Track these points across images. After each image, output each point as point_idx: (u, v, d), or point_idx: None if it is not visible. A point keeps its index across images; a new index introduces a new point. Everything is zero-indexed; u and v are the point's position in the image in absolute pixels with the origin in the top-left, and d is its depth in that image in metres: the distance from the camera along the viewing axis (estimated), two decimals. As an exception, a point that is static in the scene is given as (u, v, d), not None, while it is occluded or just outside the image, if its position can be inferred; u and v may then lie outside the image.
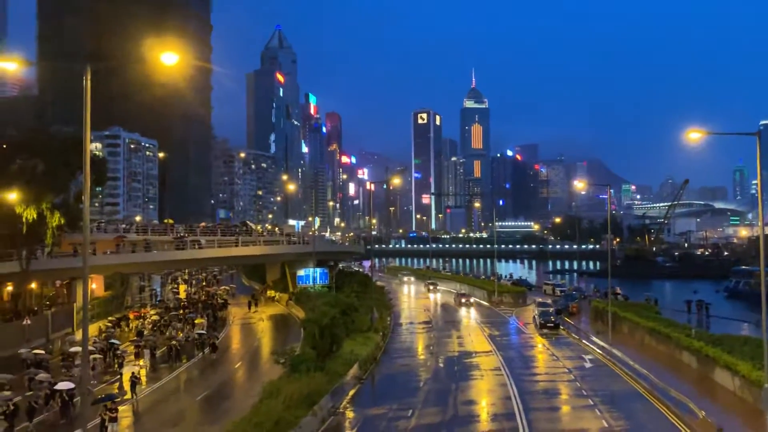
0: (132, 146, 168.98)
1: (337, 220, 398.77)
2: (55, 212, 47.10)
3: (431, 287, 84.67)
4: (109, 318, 53.63)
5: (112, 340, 41.79)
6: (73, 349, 39.00)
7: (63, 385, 28.09)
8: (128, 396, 30.70)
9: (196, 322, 50.27)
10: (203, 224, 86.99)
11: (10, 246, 47.08)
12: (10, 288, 51.01)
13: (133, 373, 31.90)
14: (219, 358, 41.22)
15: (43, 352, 39.27)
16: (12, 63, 18.43)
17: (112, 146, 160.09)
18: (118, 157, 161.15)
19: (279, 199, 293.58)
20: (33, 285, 51.80)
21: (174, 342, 41.97)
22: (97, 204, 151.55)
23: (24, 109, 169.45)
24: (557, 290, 77.07)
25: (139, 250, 55.13)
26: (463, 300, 66.27)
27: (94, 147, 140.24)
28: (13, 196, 43.64)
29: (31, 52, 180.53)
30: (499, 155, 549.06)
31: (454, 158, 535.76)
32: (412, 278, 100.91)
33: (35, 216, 45.58)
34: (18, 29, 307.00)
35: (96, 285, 58.02)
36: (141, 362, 38.56)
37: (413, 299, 78.14)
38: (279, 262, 76.48)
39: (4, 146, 48.38)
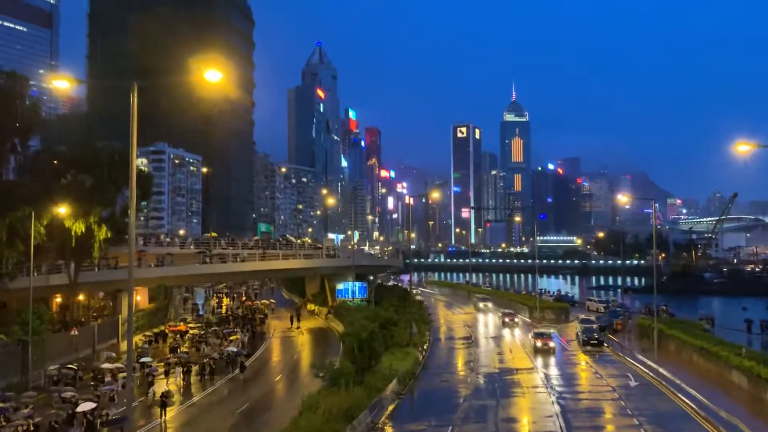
0: (176, 161, 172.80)
1: (375, 234, 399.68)
2: (102, 226, 48.40)
3: (507, 319, 63.97)
4: (146, 333, 53.75)
5: (143, 359, 39.71)
6: (104, 366, 37.84)
7: (84, 406, 26.78)
8: (157, 416, 29.37)
9: (231, 338, 49.52)
10: (246, 240, 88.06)
11: (59, 258, 48.53)
12: (59, 299, 52.49)
13: (163, 392, 30.59)
14: (251, 377, 39.72)
15: (75, 367, 38.33)
16: (63, 81, 19.06)
17: (158, 161, 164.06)
18: (163, 172, 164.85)
19: (318, 213, 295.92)
20: (81, 296, 53.19)
21: (207, 359, 40.53)
22: (142, 218, 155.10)
23: (74, 126, 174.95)
24: (601, 307, 75.51)
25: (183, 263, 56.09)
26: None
27: (140, 162, 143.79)
28: (63, 210, 44.98)
29: (81, 71, 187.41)
30: (540, 169, 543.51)
31: (494, 172, 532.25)
32: (445, 296, 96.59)
33: (83, 229, 46.95)
34: (69, 50, 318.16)
35: (141, 297, 59.26)
36: (172, 380, 37.39)
37: (452, 314, 77.53)
38: (318, 276, 76.91)
39: (55, 162, 50.04)
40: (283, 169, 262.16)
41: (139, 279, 52.02)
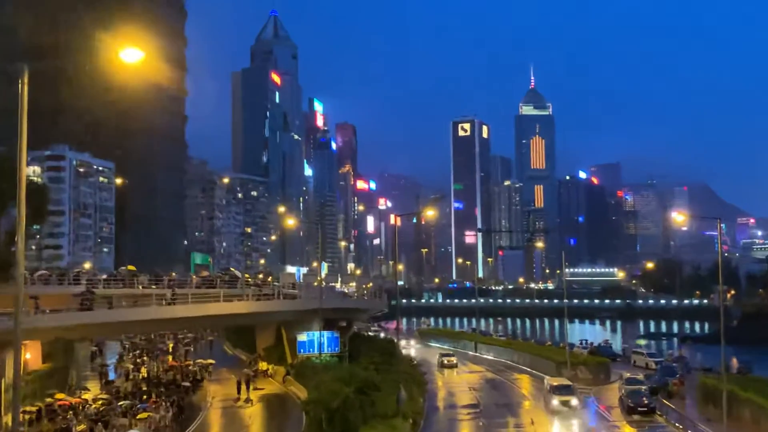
0: (81, 170, 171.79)
1: (351, 266, 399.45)
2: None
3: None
4: (27, 408, 52.14)
5: None
6: None
7: None
8: None
9: (139, 417, 48.44)
10: (174, 276, 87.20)
11: None
12: None
13: None
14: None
15: None
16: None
17: (55, 170, 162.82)
18: (63, 185, 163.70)
19: (274, 238, 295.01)
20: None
21: None
22: (34, 246, 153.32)
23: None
24: (651, 362, 75.75)
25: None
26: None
27: (31, 171, 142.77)
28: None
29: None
30: (568, 178, 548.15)
31: (507, 182, 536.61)
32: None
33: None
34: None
35: (31, 354, 58.33)
36: None
37: (455, 374, 77.29)
38: (273, 324, 76.28)
39: None
40: (226, 180, 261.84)
41: (28, 330, 51.16)
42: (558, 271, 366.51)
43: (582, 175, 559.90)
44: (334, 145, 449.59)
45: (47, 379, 58.76)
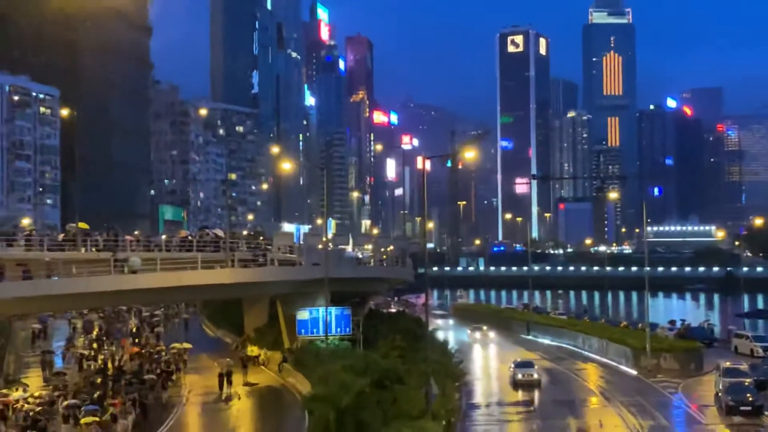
0: (15, 98, 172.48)
1: (366, 223, 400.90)
2: None
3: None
4: None
5: None
6: None
7: None
8: None
9: (81, 422, 47.33)
10: (137, 233, 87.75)
11: None
12: None
13: None
14: None
15: None
16: None
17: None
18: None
19: (266, 187, 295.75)
20: None
21: None
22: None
23: None
24: (758, 347, 75.71)
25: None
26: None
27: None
28: None
29: None
30: (652, 108, 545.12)
31: (571, 114, 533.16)
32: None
33: None
34: None
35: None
36: None
37: (500, 362, 77.88)
38: (266, 298, 76.80)
39: None
40: (203, 112, 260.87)
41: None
42: (637, 231, 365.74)
43: (671, 103, 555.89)
44: (343, 66, 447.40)
45: (-24, 367, 59.67)
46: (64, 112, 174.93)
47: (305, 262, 77.14)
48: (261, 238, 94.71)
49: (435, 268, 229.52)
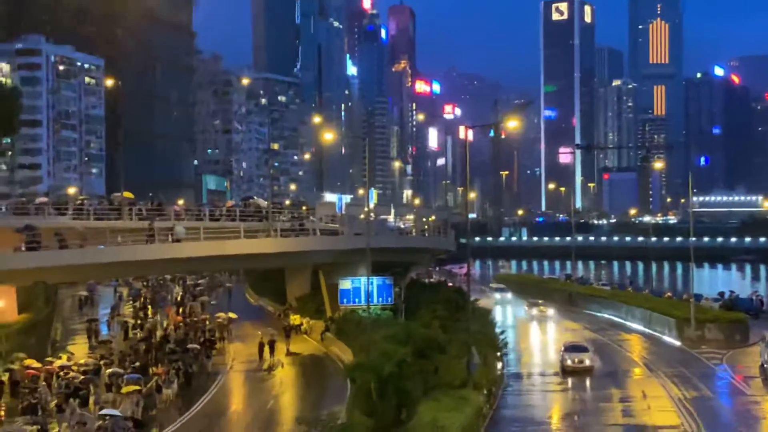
0: (61, 68, 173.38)
1: (407, 193, 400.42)
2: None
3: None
4: None
5: None
6: None
7: None
8: None
9: (123, 391, 46.10)
10: (181, 203, 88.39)
11: None
12: None
13: None
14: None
15: None
16: None
17: (28, 68, 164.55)
18: (39, 87, 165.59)
19: (308, 157, 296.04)
20: None
21: None
22: (4, 166, 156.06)
23: None
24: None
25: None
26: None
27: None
28: None
29: None
30: (699, 76, 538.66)
31: (617, 82, 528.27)
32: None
33: None
34: None
35: (4, 302, 59.76)
36: None
37: (542, 333, 77.77)
38: (308, 267, 77.16)
39: None
40: (246, 81, 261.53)
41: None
42: (683, 201, 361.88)
43: (718, 71, 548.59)
44: (385, 35, 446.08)
45: (24, 334, 60.23)
46: (108, 82, 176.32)
47: (347, 231, 77.50)
48: (304, 207, 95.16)
49: (477, 239, 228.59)
